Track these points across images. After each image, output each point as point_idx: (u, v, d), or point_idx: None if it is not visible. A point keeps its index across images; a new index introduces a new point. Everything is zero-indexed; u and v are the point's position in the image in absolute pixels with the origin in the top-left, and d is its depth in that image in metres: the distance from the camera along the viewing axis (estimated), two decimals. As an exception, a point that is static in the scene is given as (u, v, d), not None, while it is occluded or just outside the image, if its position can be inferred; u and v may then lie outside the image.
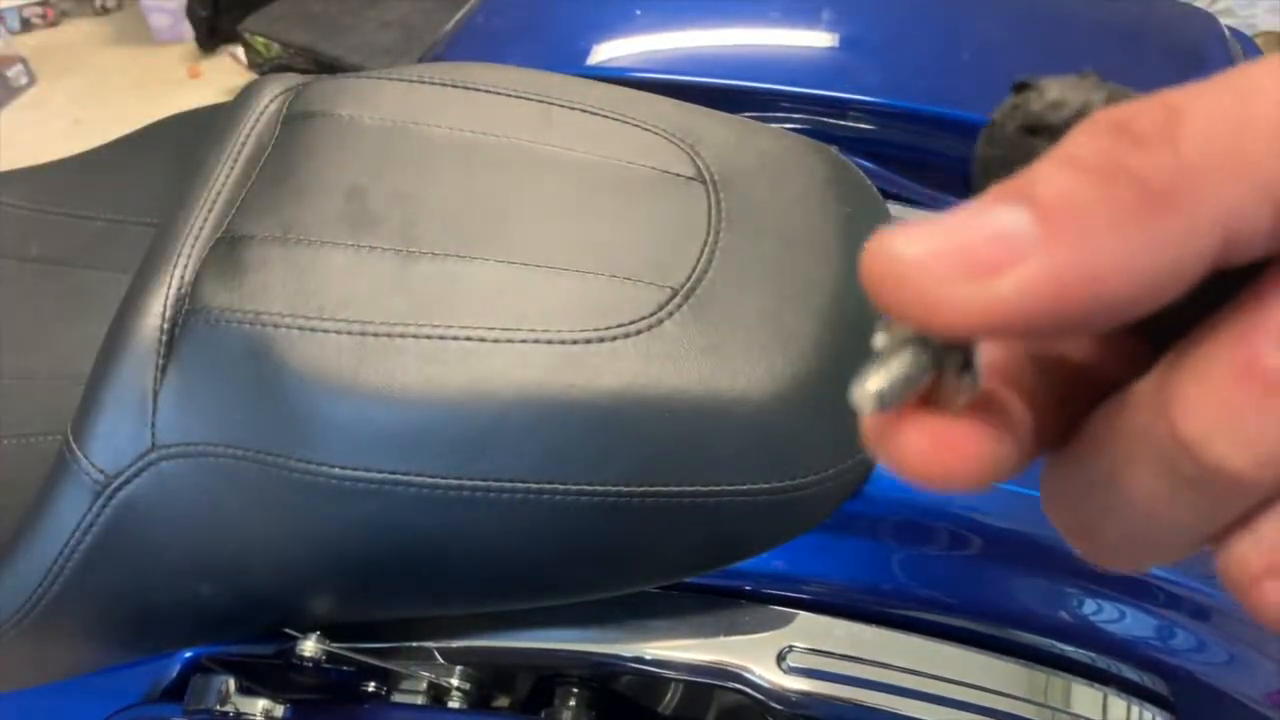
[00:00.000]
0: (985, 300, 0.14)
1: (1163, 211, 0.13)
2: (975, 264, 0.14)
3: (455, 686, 0.62)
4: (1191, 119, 0.14)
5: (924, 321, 0.15)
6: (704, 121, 0.59)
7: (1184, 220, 0.13)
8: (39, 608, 0.51)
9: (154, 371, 0.48)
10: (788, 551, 0.57)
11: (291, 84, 0.64)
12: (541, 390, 0.46)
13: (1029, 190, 0.14)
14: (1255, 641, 0.57)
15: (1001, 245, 0.14)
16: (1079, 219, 0.14)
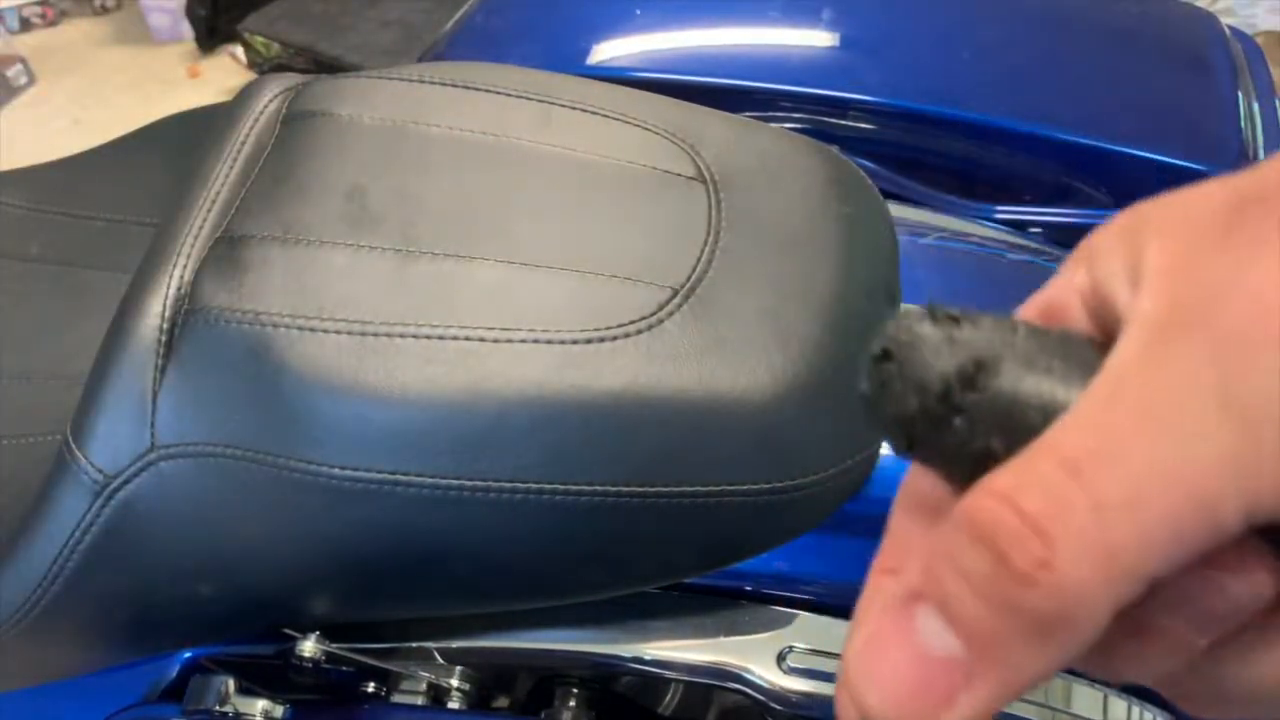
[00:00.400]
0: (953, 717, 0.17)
1: (1059, 630, 0.16)
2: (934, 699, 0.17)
3: (455, 687, 0.62)
4: (1063, 553, 0.16)
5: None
6: (704, 121, 0.59)
7: (1078, 629, 0.16)
8: (39, 608, 0.51)
9: (153, 371, 0.48)
10: (788, 551, 0.57)
11: (291, 84, 0.64)
12: (541, 390, 0.46)
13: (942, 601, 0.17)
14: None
15: (947, 674, 0.17)
16: (996, 647, 0.17)
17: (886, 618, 0.18)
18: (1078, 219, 0.83)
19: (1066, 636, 0.17)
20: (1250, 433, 0.16)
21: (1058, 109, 0.80)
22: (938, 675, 0.17)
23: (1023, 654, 0.17)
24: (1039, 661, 0.17)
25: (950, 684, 0.17)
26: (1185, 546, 0.16)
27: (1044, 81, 0.83)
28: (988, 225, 0.83)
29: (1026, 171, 0.82)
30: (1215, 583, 0.18)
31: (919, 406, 0.18)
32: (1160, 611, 0.18)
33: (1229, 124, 0.81)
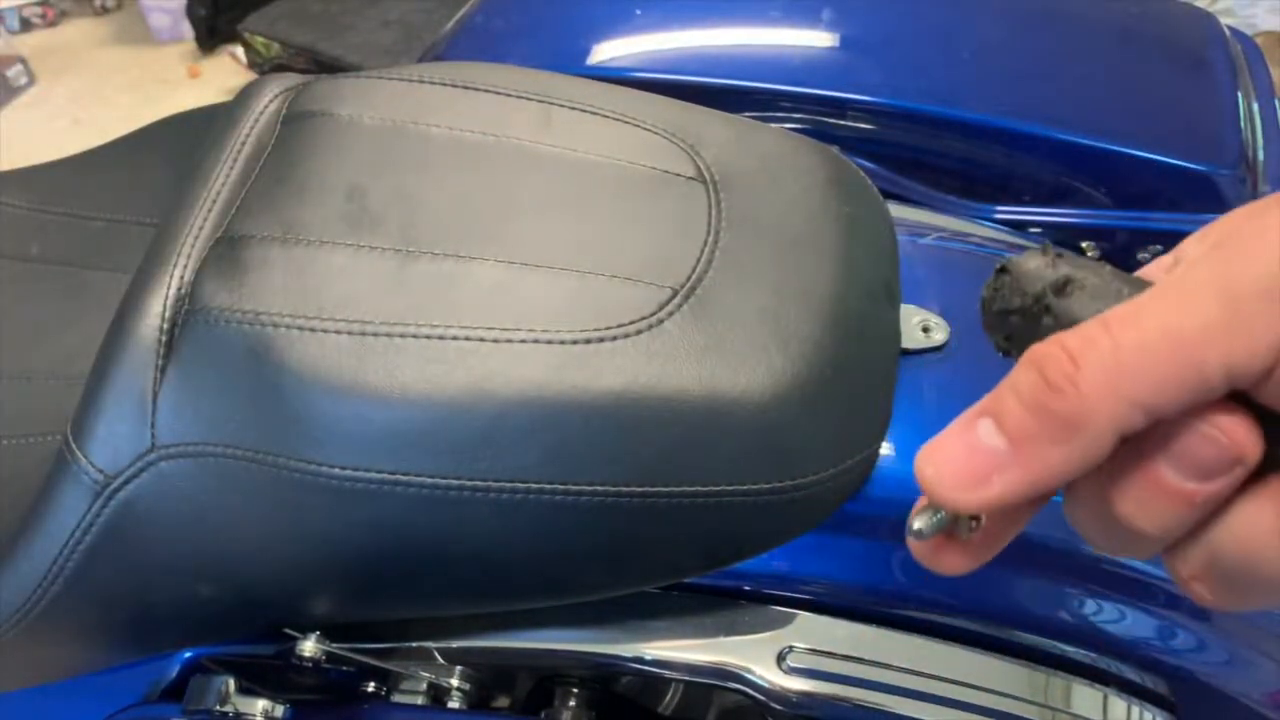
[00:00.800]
0: (981, 498, 0.24)
1: (1073, 433, 0.22)
2: (974, 478, 0.24)
3: (455, 687, 0.62)
4: (1086, 366, 0.22)
5: (956, 509, 0.25)
6: (704, 121, 0.59)
7: (1090, 434, 0.22)
8: (39, 608, 0.51)
9: (153, 372, 0.48)
10: (788, 551, 0.57)
11: (291, 84, 0.64)
12: (541, 390, 0.46)
13: (998, 412, 0.24)
14: (1256, 641, 0.57)
15: (989, 460, 0.24)
16: (1029, 443, 0.23)
17: (957, 426, 0.25)
18: (1078, 219, 0.83)
19: (1081, 438, 0.22)
20: (1234, 308, 0.21)
21: (1057, 109, 0.80)
22: (982, 460, 0.24)
23: (1047, 450, 0.23)
24: (1058, 458, 0.23)
25: (990, 467, 0.24)
26: (1177, 388, 0.22)
27: (1044, 82, 0.83)
28: (988, 225, 0.83)
29: (1026, 172, 0.82)
30: (1204, 433, 0.22)
31: (1019, 305, 0.25)
32: (1162, 461, 0.23)
33: (1228, 124, 0.81)
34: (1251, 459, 0.22)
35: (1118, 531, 0.25)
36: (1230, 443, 0.22)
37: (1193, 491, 0.23)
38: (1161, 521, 0.23)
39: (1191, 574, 0.25)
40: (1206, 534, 0.24)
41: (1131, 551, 0.26)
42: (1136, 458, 0.23)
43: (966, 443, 0.24)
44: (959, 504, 0.24)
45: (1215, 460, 0.22)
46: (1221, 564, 0.24)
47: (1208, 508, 0.23)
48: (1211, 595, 0.25)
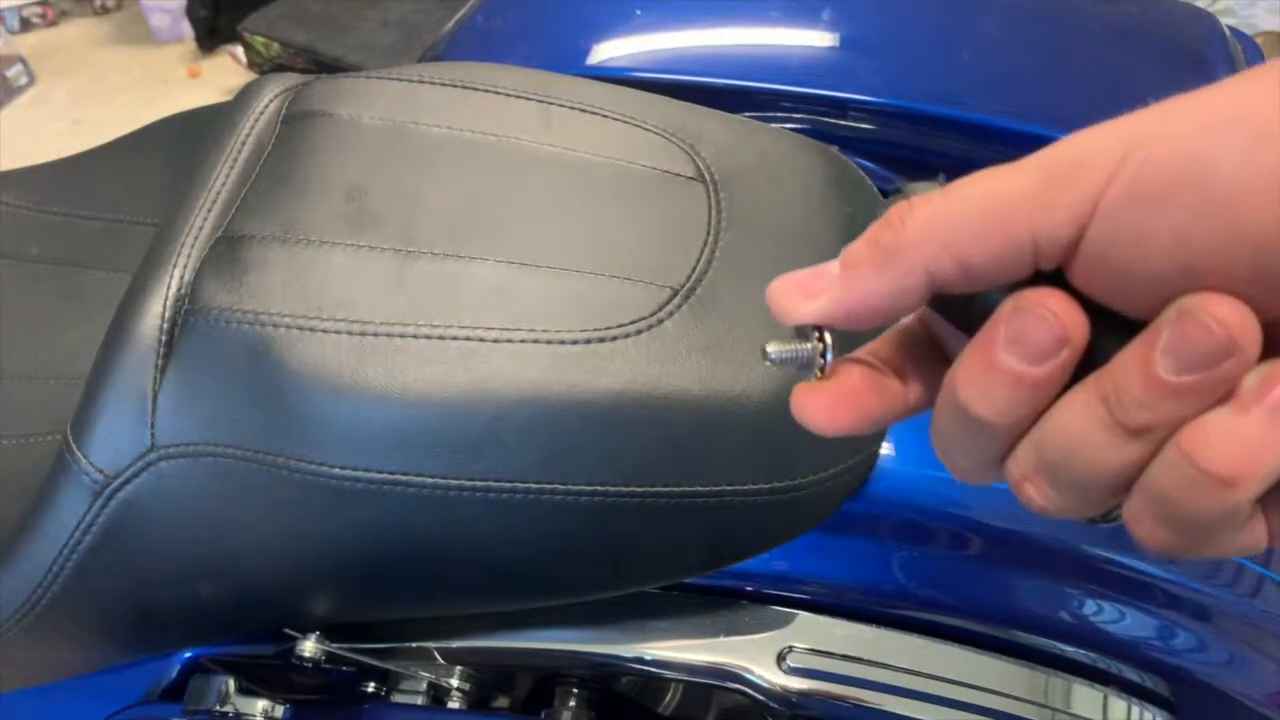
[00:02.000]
0: (806, 309, 0.27)
1: (891, 262, 0.25)
2: (805, 292, 0.27)
3: (455, 687, 0.62)
4: (916, 212, 0.25)
5: (785, 318, 0.28)
6: (704, 121, 0.59)
7: (903, 265, 0.25)
8: (38, 607, 0.51)
9: (153, 372, 0.48)
10: (788, 551, 0.57)
11: (291, 84, 0.64)
12: (541, 390, 0.46)
13: (846, 250, 0.27)
14: (1256, 642, 0.57)
15: (822, 282, 0.27)
16: (853, 267, 0.26)
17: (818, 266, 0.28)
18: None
19: (895, 268, 0.25)
20: (1045, 178, 0.24)
21: (1057, 109, 0.80)
22: (817, 281, 0.27)
23: (868, 275, 0.26)
24: (874, 283, 0.26)
25: (822, 287, 0.27)
26: (987, 244, 0.24)
27: (1043, 81, 0.83)
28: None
29: (1026, 171, 0.81)
30: (1034, 313, 0.24)
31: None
32: (999, 344, 0.24)
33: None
34: (1078, 341, 0.24)
35: (964, 429, 0.26)
36: (1057, 322, 0.23)
37: (1025, 373, 0.24)
38: (996, 405, 0.25)
39: (1024, 473, 0.26)
40: (1035, 430, 0.25)
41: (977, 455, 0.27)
42: (977, 345, 0.25)
43: (812, 271, 0.27)
44: (787, 312, 0.28)
45: (1045, 340, 0.24)
46: (1047, 457, 0.25)
47: (1040, 395, 0.25)
48: (1039, 495, 0.26)
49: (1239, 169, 0.21)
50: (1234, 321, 0.21)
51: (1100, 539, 0.55)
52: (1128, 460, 0.24)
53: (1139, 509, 0.24)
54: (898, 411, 0.30)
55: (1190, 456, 0.22)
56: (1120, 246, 0.23)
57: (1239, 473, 0.22)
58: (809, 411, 0.29)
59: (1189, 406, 0.22)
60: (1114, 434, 0.23)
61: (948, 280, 0.25)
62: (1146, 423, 0.23)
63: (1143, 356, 0.23)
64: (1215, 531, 0.24)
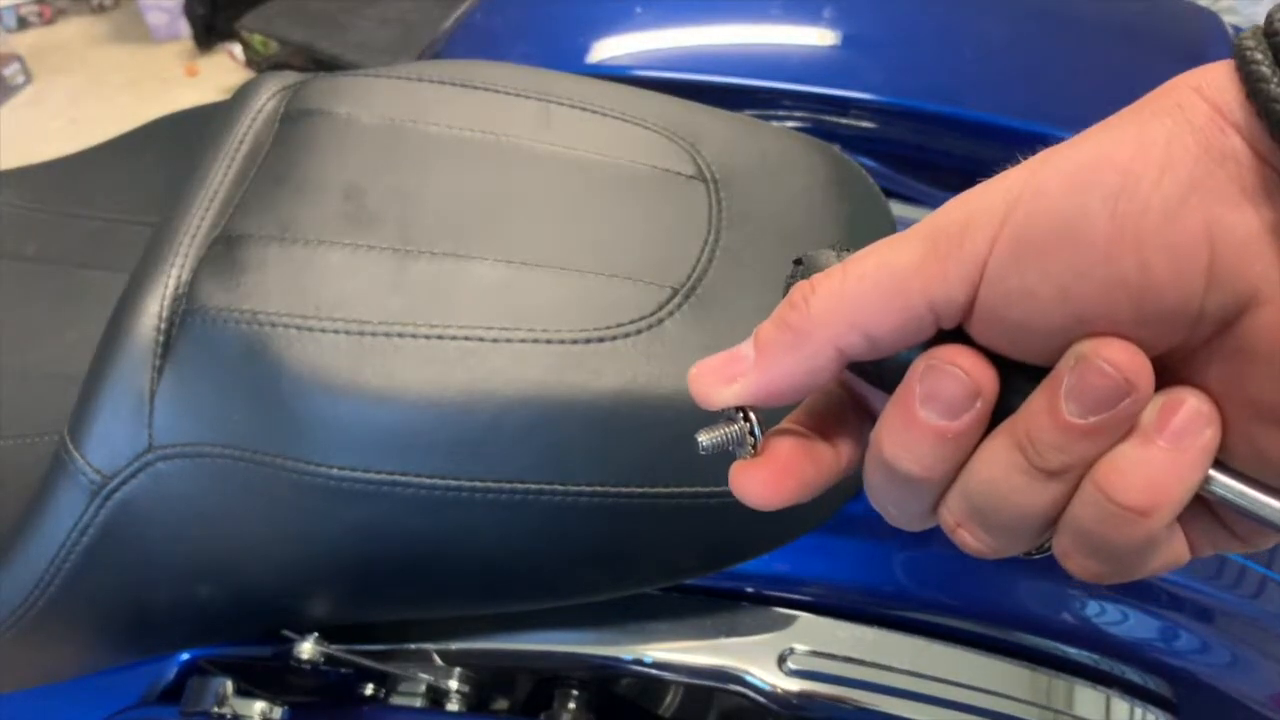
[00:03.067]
0: (726, 393, 0.28)
1: (801, 343, 0.26)
2: (724, 377, 0.28)
3: (454, 689, 0.61)
4: (819, 292, 0.26)
5: (707, 404, 0.29)
6: (705, 120, 0.59)
7: (814, 344, 0.26)
8: (36, 609, 0.50)
9: (151, 372, 0.48)
10: (789, 553, 0.57)
11: (289, 82, 0.63)
12: (541, 390, 0.46)
13: (757, 333, 0.28)
14: (1258, 643, 0.57)
15: (739, 365, 0.28)
16: (768, 349, 0.27)
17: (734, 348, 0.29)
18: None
19: (806, 347, 0.26)
20: (932, 246, 0.25)
21: (1058, 107, 0.80)
22: (734, 366, 0.28)
23: (781, 356, 0.27)
24: (788, 363, 0.27)
25: (739, 371, 0.28)
26: (888, 315, 0.25)
27: (1045, 80, 0.83)
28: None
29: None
30: (945, 371, 0.25)
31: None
32: (916, 401, 0.25)
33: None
34: (988, 393, 0.25)
35: (893, 484, 0.27)
36: (968, 378, 0.25)
37: (943, 428, 0.25)
38: (921, 460, 0.26)
39: (956, 520, 0.27)
40: (960, 479, 0.26)
41: (909, 506, 0.28)
42: (896, 404, 0.26)
43: (728, 354, 0.28)
44: (709, 398, 0.28)
45: (958, 395, 0.25)
46: (974, 504, 0.26)
47: (960, 447, 0.26)
48: (974, 539, 0.27)
49: (1106, 222, 0.22)
50: (1126, 363, 0.23)
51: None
52: (1049, 500, 0.25)
53: (1066, 545, 0.26)
54: (832, 474, 0.30)
55: (1105, 492, 0.24)
56: (1011, 302, 0.24)
57: (1152, 502, 0.23)
58: (750, 490, 0.29)
59: (1098, 444, 0.24)
60: (1033, 478, 0.25)
61: (856, 352, 0.26)
62: (1061, 465, 0.24)
63: (1049, 403, 0.24)
64: (1139, 557, 0.25)
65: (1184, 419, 0.24)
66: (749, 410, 0.29)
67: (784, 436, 0.30)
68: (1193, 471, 0.24)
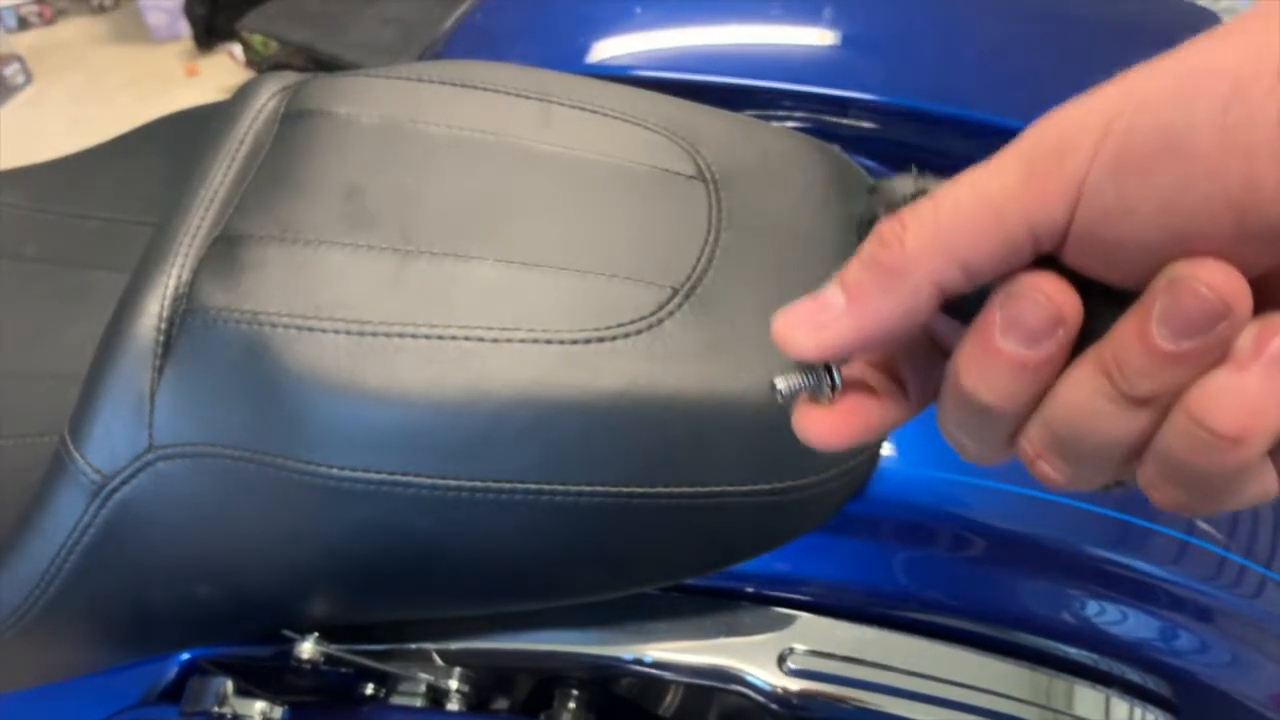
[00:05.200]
0: (817, 341, 0.27)
1: (898, 283, 0.25)
2: (814, 324, 0.27)
3: (454, 688, 0.61)
4: (912, 228, 0.25)
5: (795, 355, 0.28)
6: (705, 120, 0.59)
7: (910, 283, 0.25)
8: (36, 608, 0.51)
9: (151, 372, 0.48)
10: (788, 553, 0.57)
11: (289, 82, 0.63)
12: (541, 390, 0.46)
13: (843, 275, 0.27)
14: (1258, 643, 0.57)
15: (829, 312, 0.27)
16: (861, 293, 0.26)
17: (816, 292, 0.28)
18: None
19: (903, 287, 0.25)
20: (1029, 168, 0.24)
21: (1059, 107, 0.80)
22: (823, 312, 0.27)
23: (875, 299, 0.26)
24: (883, 305, 0.26)
25: (829, 317, 0.27)
26: (987, 243, 0.24)
27: (1045, 80, 0.83)
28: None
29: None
30: (1027, 297, 0.24)
31: (885, 211, 0.27)
32: (996, 331, 0.25)
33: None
34: (1072, 321, 0.24)
35: (970, 416, 0.27)
36: (1051, 304, 0.24)
37: (1024, 356, 0.25)
38: (1000, 390, 0.25)
39: (1035, 452, 0.27)
40: (1042, 408, 0.26)
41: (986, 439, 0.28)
42: (975, 334, 0.26)
43: (815, 301, 0.27)
44: (799, 347, 0.27)
45: (1040, 322, 0.24)
46: (1056, 433, 0.26)
47: (1041, 376, 0.25)
48: (1053, 470, 0.27)
49: (1214, 132, 0.21)
50: (1223, 285, 0.22)
51: (1102, 540, 0.55)
52: (1136, 429, 0.24)
53: (1153, 474, 0.25)
54: (899, 416, 0.30)
55: (1198, 420, 0.23)
56: (1109, 220, 0.23)
57: (1246, 430, 0.22)
58: (815, 432, 0.29)
59: (1189, 371, 0.23)
60: (1120, 405, 0.24)
61: (954, 288, 0.25)
62: (1150, 391, 0.24)
63: (1139, 327, 0.23)
64: (1230, 487, 0.24)
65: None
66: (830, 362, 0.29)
67: (858, 384, 0.30)
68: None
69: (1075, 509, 0.55)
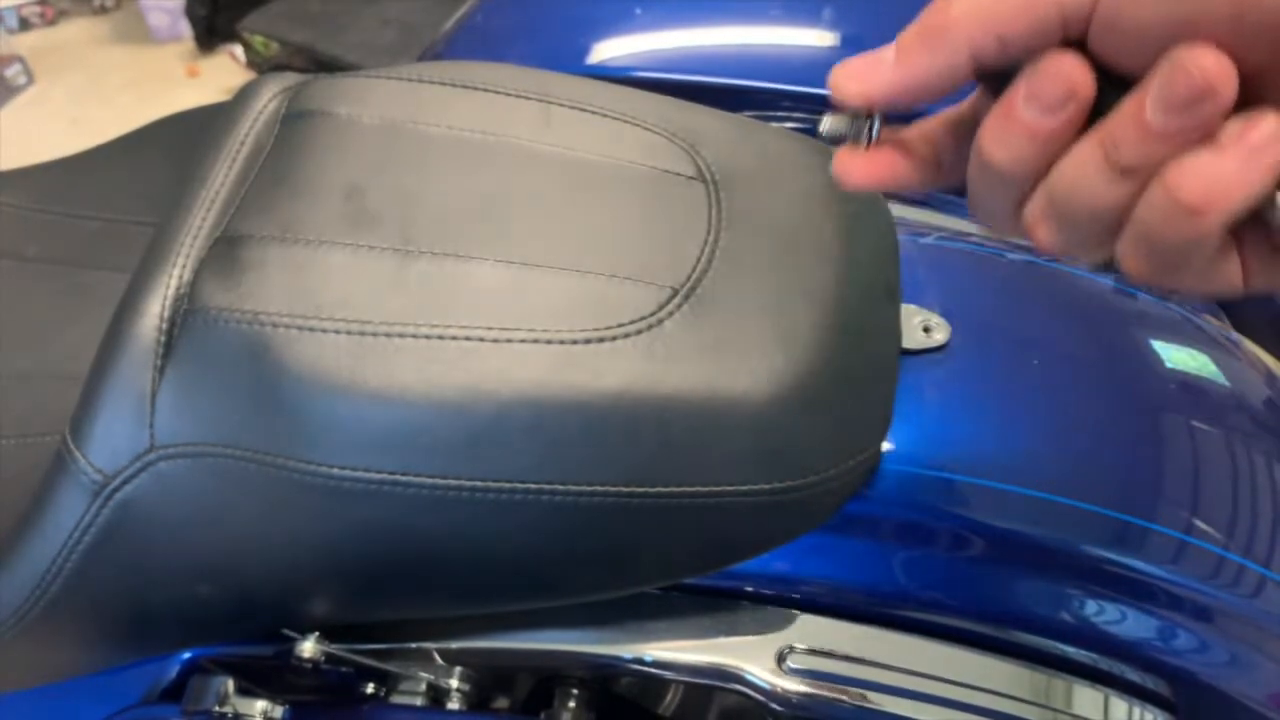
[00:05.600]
0: (865, 86, 0.31)
1: (940, 43, 0.29)
2: (864, 73, 0.31)
3: (454, 687, 0.61)
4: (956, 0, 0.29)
5: (844, 97, 0.32)
6: (704, 121, 0.59)
7: (950, 44, 0.29)
8: (37, 608, 0.51)
9: (152, 372, 0.48)
10: (788, 552, 0.57)
11: (290, 83, 0.63)
12: (541, 390, 0.46)
13: (898, 39, 0.31)
14: (1257, 642, 0.57)
15: (879, 65, 0.31)
16: (907, 49, 0.30)
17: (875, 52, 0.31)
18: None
19: (944, 46, 0.29)
20: None
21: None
22: (875, 65, 0.31)
23: (919, 54, 0.30)
24: (925, 60, 0.30)
25: (879, 69, 0.31)
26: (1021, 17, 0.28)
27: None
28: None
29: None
30: (1046, 71, 0.28)
31: None
32: (1017, 100, 0.28)
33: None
34: (1083, 96, 0.28)
35: (988, 178, 0.31)
36: (1068, 79, 0.27)
37: (1038, 123, 0.28)
38: (1013, 152, 0.29)
39: (1034, 218, 0.30)
40: (1047, 177, 0.29)
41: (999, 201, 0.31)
42: (1000, 104, 0.29)
43: (871, 56, 0.31)
44: (850, 91, 0.32)
45: (1056, 94, 0.28)
46: (1054, 198, 0.29)
47: (1050, 144, 0.29)
48: (1047, 233, 0.30)
49: None
50: (1211, 67, 0.25)
51: (1101, 540, 0.55)
52: (1119, 197, 0.28)
53: (1128, 244, 0.29)
54: (925, 178, 0.34)
55: (1168, 189, 0.26)
56: (1125, 5, 0.26)
57: (1207, 203, 0.26)
58: (846, 169, 0.34)
59: (1173, 147, 0.26)
60: (1108, 174, 0.27)
61: (988, 57, 0.29)
62: (1135, 162, 0.27)
63: (1135, 105, 0.26)
64: (1189, 259, 0.28)
65: (1260, 135, 0.25)
66: (874, 111, 0.32)
67: (894, 140, 0.34)
68: (1257, 183, 0.25)
69: (1075, 509, 0.55)
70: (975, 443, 0.56)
